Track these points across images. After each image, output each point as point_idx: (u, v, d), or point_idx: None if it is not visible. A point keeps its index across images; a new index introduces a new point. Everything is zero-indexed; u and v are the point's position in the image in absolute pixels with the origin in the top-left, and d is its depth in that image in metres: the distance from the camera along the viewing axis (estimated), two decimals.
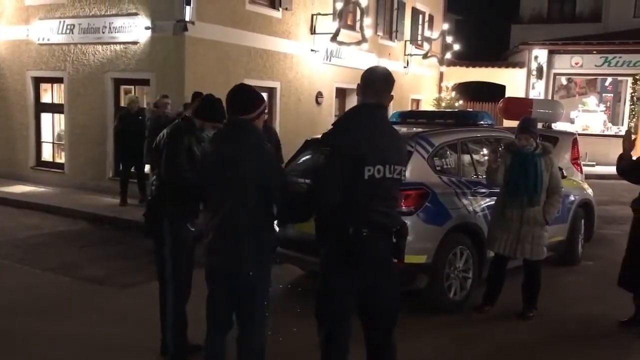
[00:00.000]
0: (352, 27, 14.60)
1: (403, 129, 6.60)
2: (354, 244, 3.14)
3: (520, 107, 11.08)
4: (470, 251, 5.76)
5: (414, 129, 6.54)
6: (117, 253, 7.66)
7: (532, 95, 19.22)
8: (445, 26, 18.47)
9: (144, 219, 4.37)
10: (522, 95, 19.51)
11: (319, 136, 3.60)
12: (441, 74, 20.67)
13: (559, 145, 9.20)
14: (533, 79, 19.47)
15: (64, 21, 11.44)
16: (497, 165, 5.53)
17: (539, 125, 11.17)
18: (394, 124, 7.02)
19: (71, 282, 6.42)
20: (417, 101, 19.57)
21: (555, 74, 19.95)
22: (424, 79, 19.69)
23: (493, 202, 5.78)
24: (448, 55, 18.77)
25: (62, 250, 7.78)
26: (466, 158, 6.09)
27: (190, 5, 9.46)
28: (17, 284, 6.34)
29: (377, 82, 3.27)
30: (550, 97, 19.64)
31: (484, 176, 5.83)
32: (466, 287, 5.73)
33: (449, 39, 18.49)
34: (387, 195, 3.25)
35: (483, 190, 5.96)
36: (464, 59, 20.77)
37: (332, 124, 3.39)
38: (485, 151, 6.28)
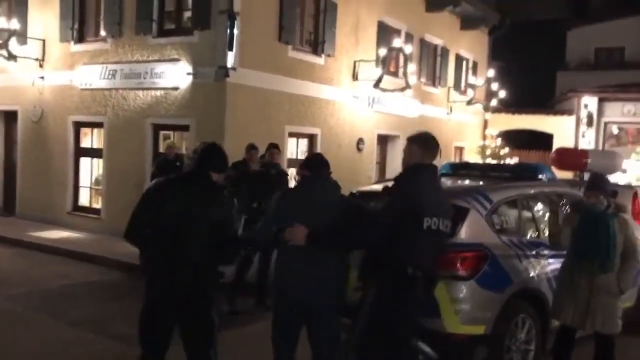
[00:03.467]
0: (394, 74, 14.29)
1: (454, 182, 6.15)
2: (411, 284, 3.78)
3: (575, 159, 10.46)
4: (532, 320, 5.15)
5: (466, 182, 6.07)
6: None
7: (582, 144, 18.43)
8: (491, 73, 18.03)
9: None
10: (571, 144, 18.73)
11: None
12: (485, 121, 20.12)
13: (617, 199, 8.53)
14: (583, 128, 18.69)
15: (107, 67, 11.46)
16: (563, 225, 4.98)
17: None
18: (445, 176, 6.60)
19: (98, 341, 6.03)
20: (461, 149, 19.02)
21: (606, 123, 19.13)
22: (468, 126, 19.17)
23: (558, 266, 5.19)
24: (493, 102, 18.24)
25: (92, 303, 7.45)
26: (527, 216, 5.54)
27: (232, 51, 9.27)
28: (42, 338, 6.01)
29: (435, 145, 4.03)
30: (600, 147, 18.81)
31: (547, 237, 5.27)
32: None
33: (494, 86, 18.00)
34: (438, 246, 3.93)
35: (546, 252, 5.37)
36: (508, 106, 20.19)
37: (395, 180, 4.03)
38: (548, 208, 5.70)
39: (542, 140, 20.66)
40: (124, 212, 11.37)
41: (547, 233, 5.35)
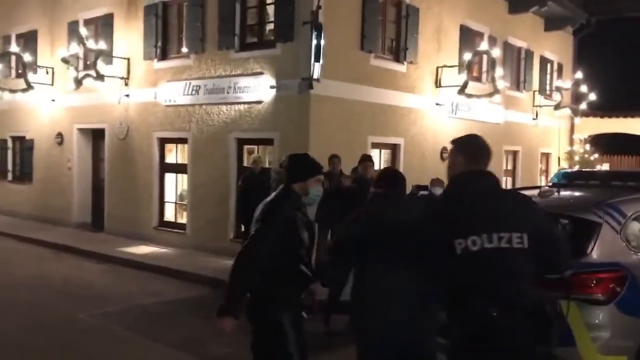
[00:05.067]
0: (478, 79, 13.71)
1: (574, 194, 5.62)
2: (482, 327, 2.85)
3: None
4: None
5: (587, 193, 5.52)
6: (243, 326, 7.07)
7: None
8: (579, 74, 17.05)
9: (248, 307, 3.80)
10: None
11: None
12: (572, 126, 19.07)
13: None
14: None
15: (190, 82, 11.54)
16: None
17: None
18: (558, 186, 6.05)
19: None
20: (547, 155, 18.09)
21: None
22: (554, 131, 18.21)
23: None
24: (583, 106, 17.23)
25: (185, 321, 7.36)
26: None
27: (319, 62, 9.06)
28: None
29: (486, 150, 3.25)
30: None
31: None
32: None
33: (583, 88, 17.01)
34: (508, 271, 2.91)
35: None
36: (596, 109, 19.06)
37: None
38: None
39: (633, 143, 19.36)
40: (208, 227, 11.57)
41: None
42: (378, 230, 3.53)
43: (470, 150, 3.21)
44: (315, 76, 9.29)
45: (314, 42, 9.02)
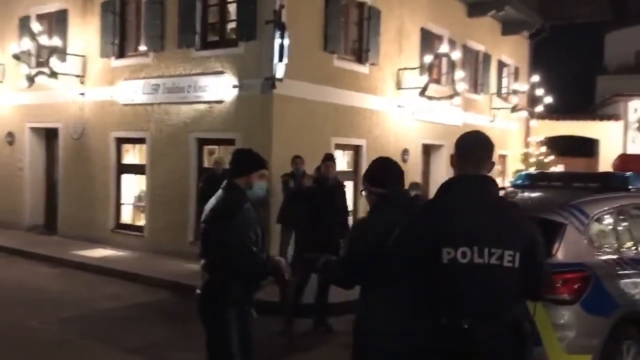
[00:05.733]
0: (437, 81, 13.86)
1: (538, 195, 5.70)
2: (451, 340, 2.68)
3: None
4: (638, 346, 4.65)
5: (550, 194, 5.61)
6: (203, 331, 6.92)
7: (632, 149, 17.71)
8: (535, 78, 17.45)
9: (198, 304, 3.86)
10: (619, 149, 18.02)
11: None
12: (528, 128, 19.51)
13: None
14: (633, 133, 17.98)
15: (149, 81, 11.27)
16: None
17: None
18: (521, 187, 6.13)
19: None
20: (504, 157, 18.43)
21: None
22: (511, 134, 18.59)
23: None
24: (539, 109, 17.64)
25: (146, 327, 7.15)
26: (625, 231, 5.04)
27: (282, 62, 8.95)
28: None
29: (476, 149, 2.88)
30: None
31: None
32: None
33: (539, 92, 17.42)
34: (494, 288, 2.70)
35: None
36: (550, 112, 19.57)
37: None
38: None
39: (588, 146, 19.98)
40: (167, 229, 11.30)
41: None
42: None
43: (461, 151, 2.90)
44: (278, 76, 9.18)
45: (278, 41, 8.91)
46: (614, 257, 4.75)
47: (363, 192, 3.38)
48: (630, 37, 23.32)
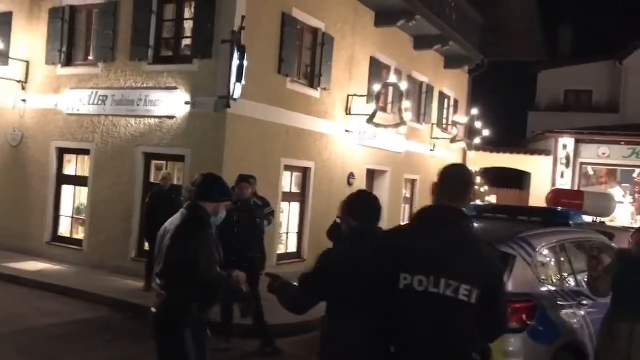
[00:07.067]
0: (384, 109, 14.28)
1: (484, 226, 5.98)
2: None
3: (571, 199, 10.50)
4: None
5: (497, 226, 5.91)
6: (148, 350, 6.77)
7: (560, 184, 18.75)
8: (474, 111, 18.24)
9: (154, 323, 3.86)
10: (548, 183, 19.06)
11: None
12: (465, 158, 20.29)
13: (615, 242, 8.56)
14: (562, 168, 19.04)
15: (97, 92, 11.03)
16: (599, 273, 4.86)
17: (588, 219, 10.54)
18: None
19: None
20: None
21: (582, 163, 19.57)
22: (449, 163, 19.25)
23: (599, 317, 5.04)
24: (477, 141, 18.43)
25: (87, 345, 6.94)
26: (567, 264, 5.39)
27: (241, 82, 9.00)
28: None
29: (455, 182, 2.92)
30: (576, 187, 19.16)
31: (587, 285, 5.14)
32: None
33: (478, 124, 18.22)
34: (441, 317, 2.68)
35: (586, 302, 5.22)
36: (486, 144, 20.48)
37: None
38: (584, 256, 5.57)
39: (520, 178, 20.97)
40: (108, 244, 11.02)
41: (585, 281, 5.22)
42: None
43: (441, 181, 2.94)
44: (235, 96, 9.22)
45: (236, 62, 8.97)
46: (556, 288, 5.07)
47: (338, 220, 3.48)
48: (560, 77, 24.75)
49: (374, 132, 13.77)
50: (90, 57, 11.43)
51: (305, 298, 3.25)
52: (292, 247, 12.10)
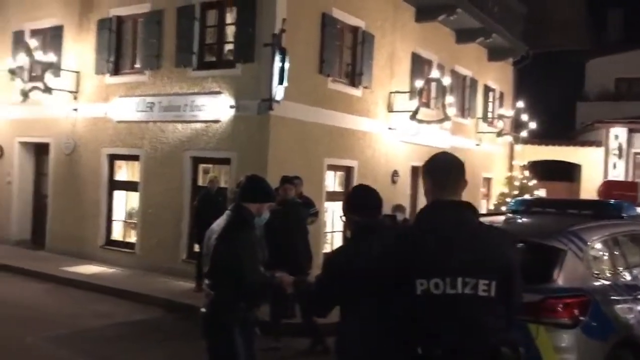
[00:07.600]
0: (427, 105, 14.15)
1: (535, 221, 5.88)
2: None
3: (625, 190, 10.17)
4: None
5: (547, 220, 5.79)
6: (200, 350, 6.93)
7: (613, 175, 18.14)
8: (520, 104, 17.89)
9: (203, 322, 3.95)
10: (600, 175, 18.49)
11: None
12: (512, 152, 19.92)
13: None
14: (614, 159, 18.44)
15: (144, 99, 11.33)
16: None
17: None
18: (517, 213, 6.31)
19: None
20: (489, 180, 18.76)
21: (636, 153, 18.88)
22: (496, 157, 18.96)
23: None
24: (524, 134, 18.06)
25: (141, 345, 7.15)
26: (620, 257, 5.24)
27: (283, 84, 9.10)
28: None
29: (447, 173, 2.72)
30: (630, 178, 18.51)
31: None
32: None
33: (524, 117, 17.85)
34: (463, 317, 2.57)
35: None
36: (533, 137, 20.05)
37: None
38: (638, 249, 5.41)
39: (570, 171, 20.41)
40: (159, 247, 11.29)
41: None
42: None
43: (434, 174, 2.74)
44: (277, 98, 9.33)
45: (278, 64, 9.08)
46: (609, 282, 4.93)
47: (342, 218, 3.43)
48: (610, 65, 23.95)
49: (417, 129, 13.66)
50: (137, 65, 11.75)
51: (318, 300, 3.30)
52: (337, 246, 12.11)
